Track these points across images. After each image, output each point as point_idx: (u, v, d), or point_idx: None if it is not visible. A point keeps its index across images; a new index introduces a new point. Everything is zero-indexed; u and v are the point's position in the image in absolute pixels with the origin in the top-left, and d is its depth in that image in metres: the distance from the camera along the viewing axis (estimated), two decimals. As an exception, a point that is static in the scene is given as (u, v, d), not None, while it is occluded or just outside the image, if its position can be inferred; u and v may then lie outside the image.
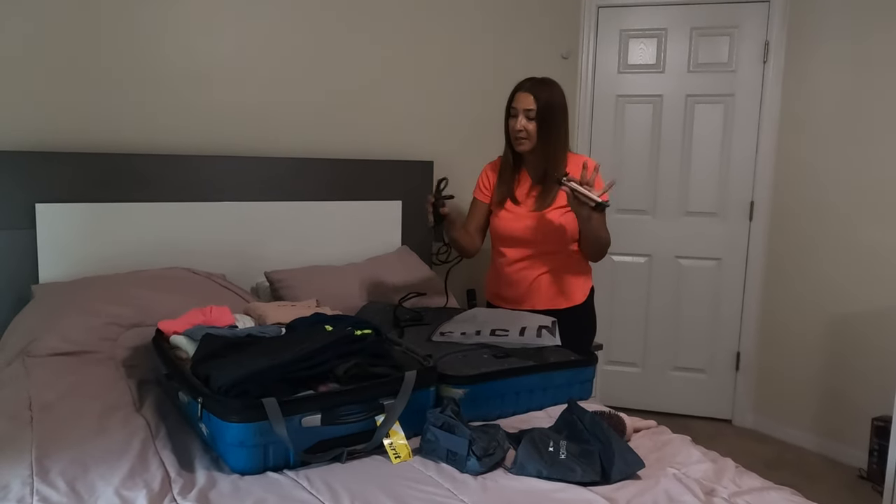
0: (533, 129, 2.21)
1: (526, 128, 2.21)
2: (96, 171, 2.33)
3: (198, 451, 1.45)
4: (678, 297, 3.60)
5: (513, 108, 2.24)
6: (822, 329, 3.23)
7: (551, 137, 2.22)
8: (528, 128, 2.21)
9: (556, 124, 2.22)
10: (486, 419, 1.66)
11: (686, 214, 3.54)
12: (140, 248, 2.39)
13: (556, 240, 2.28)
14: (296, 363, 1.47)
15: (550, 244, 2.29)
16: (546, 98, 2.20)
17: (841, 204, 3.14)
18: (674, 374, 3.65)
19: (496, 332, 1.96)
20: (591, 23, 3.50)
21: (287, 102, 2.76)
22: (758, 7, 3.33)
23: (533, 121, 2.20)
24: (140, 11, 2.42)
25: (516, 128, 2.22)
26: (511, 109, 2.25)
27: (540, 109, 2.19)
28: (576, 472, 1.36)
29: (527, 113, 2.20)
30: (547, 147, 2.23)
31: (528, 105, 2.19)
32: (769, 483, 1.42)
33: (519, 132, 2.22)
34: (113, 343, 1.95)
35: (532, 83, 2.23)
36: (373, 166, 2.90)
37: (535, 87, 2.21)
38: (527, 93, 2.20)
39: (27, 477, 1.28)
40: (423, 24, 3.05)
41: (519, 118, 2.21)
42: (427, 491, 1.32)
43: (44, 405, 1.59)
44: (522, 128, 2.21)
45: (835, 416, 3.20)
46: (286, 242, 2.68)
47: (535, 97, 2.19)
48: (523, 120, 2.21)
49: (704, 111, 3.46)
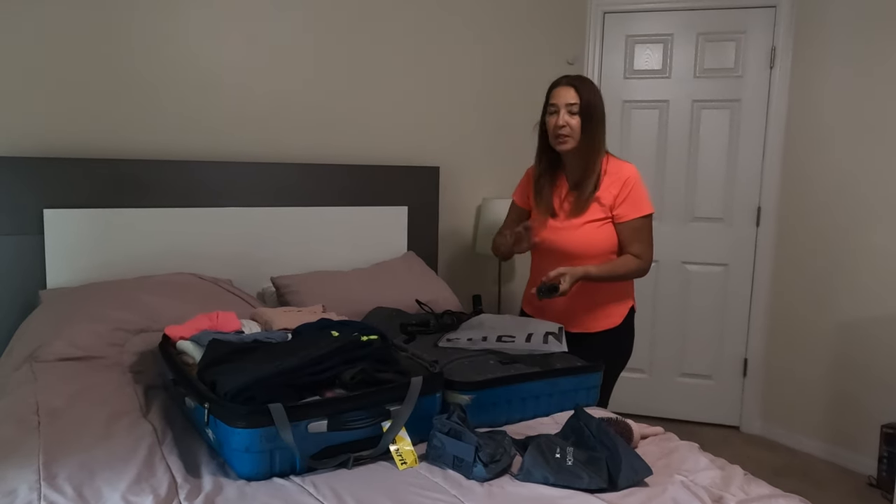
0: (577, 124, 2.05)
1: (569, 123, 2.05)
2: (104, 177, 2.34)
3: (204, 456, 1.45)
4: (685, 302, 3.58)
5: (552, 104, 2.09)
6: (831, 335, 3.21)
7: (591, 135, 2.07)
8: (572, 123, 2.05)
9: (596, 122, 2.08)
10: (492, 425, 1.66)
11: (693, 220, 3.53)
12: (147, 253, 2.40)
13: (589, 254, 2.13)
14: (302, 369, 1.47)
15: (585, 259, 2.12)
16: (588, 92, 2.07)
17: (849, 209, 3.12)
18: (681, 381, 3.63)
19: (503, 339, 1.96)
20: (597, 28, 3.50)
21: (293, 108, 2.77)
22: (764, 12, 3.32)
23: (576, 115, 2.05)
24: (147, 19, 2.44)
25: (558, 123, 2.06)
26: (550, 107, 2.10)
27: (583, 104, 2.05)
28: (583, 479, 1.36)
29: (569, 108, 2.05)
30: (590, 146, 2.08)
31: (571, 99, 2.05)
32: (778, 490, 1.41)
33: (562, 128, 2.06)
34: (120, 349, 1.96)
35: (571, 78, 2.09)
36: (379, 172, 2.90)
37: (576, 81, 2.08)
38: (567, 87, 2.07)
39: (34, 482, 1.29)
40: (430, 30, 3.06)
41: (561, 114, 2.06)
42: (433, 497, 1.31)
43: (51, 410, 1.59)
44: (566, 123, 2.05)
45: (844, 423, 3.17)
46: (292, 248, 2.68)
47: (578, 91, 2.05)
48: (566, 115, 2.05)
49: (711, 116, 3.45)
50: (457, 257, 3.24)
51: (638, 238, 2.13)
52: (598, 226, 2.13)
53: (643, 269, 2.15)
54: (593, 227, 2.13)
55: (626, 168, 2.14)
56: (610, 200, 2.12)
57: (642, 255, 2.14)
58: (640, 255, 2.14)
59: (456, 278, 3.18)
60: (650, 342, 3.65)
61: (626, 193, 2.10)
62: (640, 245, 2.13)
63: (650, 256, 2.16)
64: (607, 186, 2.12)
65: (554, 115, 2.09)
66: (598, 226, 2.13)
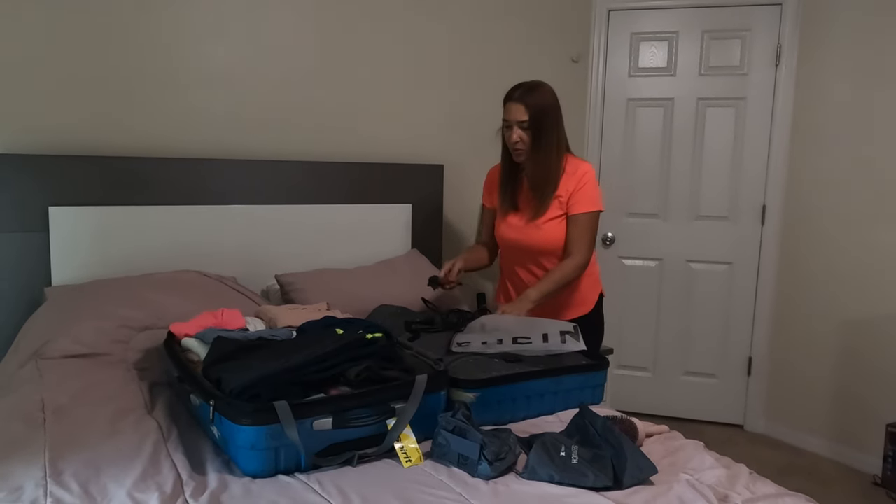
0: (528, 139, 2.18)
1: (522, 138, 2.18)
2: (109, 175, 2.34)
3: (209, 453, 1.45)
4: (689, 301, 3.57)
5: (505, 120, 2.20)
6: (835, 333, 3.21)
7: (543, 144, 2.18)
8: (524, 138, 2.18)
9: (549, 129, 2.18)
10: (497, 423, 1.66)
11: (697, 218, 3.52)
12: (152, 251, 2.40)
13: (552, 250, 2.27)
14: (307, 366, 1.47)
15: (549, 255, 2.28)
16: (536, 104, 2.15)
17: (853, 207, 3.11)
18: (685, 379, 3.63)
19: (519, 340, 1.92)
20: (602, 26, 3.50)
21: (298, 107, 2.77)
22: (770, 10, 3.31)
23: (527, 130, 2.17)
24: (152, 17, 2.44)
25: (513, 139, 2.19)
26: (504, 121, 2.21)
27: (532, 118, 2.15)
28: (588, 478, 1.36)
29: (520, 124, 2.16)
30: (539, 155, 2.20)
31: (521, 116, 2.15)
32: (783, 489, 1.41)
33: (515, 143, 2.19)
34: (125, 346, 1.96)
35: (521, 92, 2.17)
36: (383, 170, 2.90)
37: (525, 96, 2.16)
38: (517, 103, 2.16)
39: (40, 479, 1.29)
40: (434, 27, 3.05)
41: (514, 130, 2.18)
42: (438, 495, 1.31)
43: (57, 407, 1.60)
44: (518, 138, 2.18)
45: (848, 422, 3.17)
46: (297, 245, 2.68)
47: (526, 106, 2.15)
48: (518, 131, 2.17)
49: (716, 114, 3.44)
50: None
51: (580, 235, 2.24)
52: (559, 222, 2.25)
53: (581, 268, 2.25)
54: (554, 225, 2.25)
55: (583, 166, 2.27)
56: (567, 196, 2.23)
57: (580, 253, 2.24)
58: (577, 253, 2.23)
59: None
60: (654, 340, 3.64)
61: (580, 188, 2.23)
62: (580, 243, 2.24)
63: (589, 254, 2.27)
64: (565, 183, 2.24)
65: (508, 129, 2.21)
66: (558, 223, 2.25)
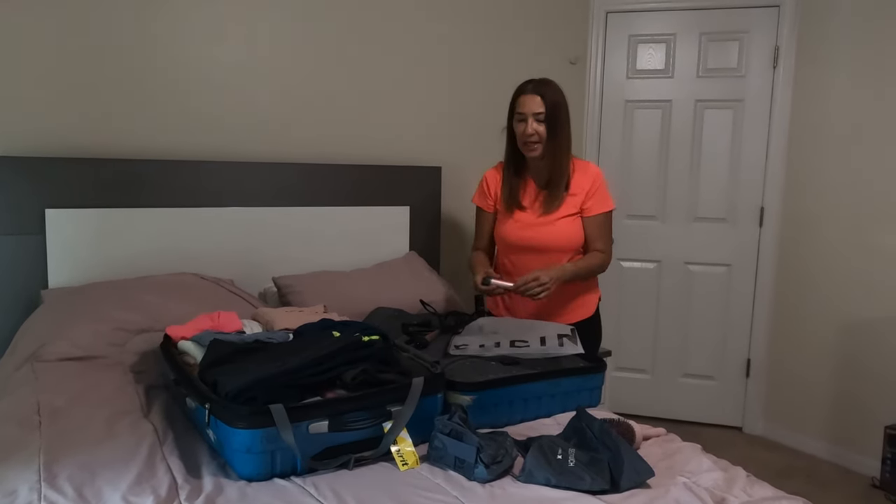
0: (544, 131, 2.13)
1: (538, 131, 2.13)
2: (106, 177, 2.34)
3: (205, 457, 1.45)
4: (687, 303, 3.57)
5: (519, 112, 2.15)
6: (834, 336, 3.20)
7: (560, 139, 2.15)
8: (540, 131, 2.13)
9: (564, 122, 2.16)
10: (494, 426, 1.65)
11: (695, 220, 3.52)
12: (148, 253, 2.40)
13: (565, 248, 2.24)
14: (303, 369, 1.47)
15: (560, 253, 2.23)
16: (552, 98, 2.13)
17: (852, 209, 3.11)
18: (683, 381, 3.63)
19: (516, 344, 1.91)
20: (600, 28, 3.50)
21: (295, 109, 2.76)
22: (768, 12, 3.31)
23: (543, 123, 2.12)
24: (150, 20, 2.43)
25: (527, 132, 2.13)
26: (517, 115, 2.16)
27: (549, 110, 2.12)
28: (585, 481, 1.35)
29: (536, 116, 2.12)
30: (556, 149, 2.16)
31: (537, 108, 2.11)
32: (781, 492, 1.40)
33: (530, 136, 2.13)
34: (121, 348, 1.96)
35: (535, 84, 2.15)
36: (380, 172, 2.90)
37: (540, 88, 2.13)
38: (533, 94, 2.12)
39: (35, 482, 1.28)
40: (431, 30, 3.05)
41: (529, 122, 2.13)
42: (435, 498, 1.31)
43: (52, 410, 1.59)
44: (534, 132, 2.13)
45: (847, 424, 3.16)
46: (294, 248, 2.68)
47: (543, 98, 2.11)
48: (534, 124, 2.12)
49: (714, 116, 3.44)
50: (459, 257, 3.24)
51: (602, 233, 2.25)
52: (572, 220, 2.24)
53: (606, 264, 2.28)
54: (567, 223, 2.23)
55: (592, 166, 2.28)
56: (582, 195, 2.23)
57: (606, 250, 2.27)
58: (605, 250, 2.26)
59: (458, 278, 3.17)
60: (652, 342, 3.64)
61: (596, 189, 2.23)
62: (604, 241, 2.26)
63: (611, 251, 2.30)
64: (578, 182, 2.23)
65: (522, 122, 2.16)
66: (571, 220, 2.23)
